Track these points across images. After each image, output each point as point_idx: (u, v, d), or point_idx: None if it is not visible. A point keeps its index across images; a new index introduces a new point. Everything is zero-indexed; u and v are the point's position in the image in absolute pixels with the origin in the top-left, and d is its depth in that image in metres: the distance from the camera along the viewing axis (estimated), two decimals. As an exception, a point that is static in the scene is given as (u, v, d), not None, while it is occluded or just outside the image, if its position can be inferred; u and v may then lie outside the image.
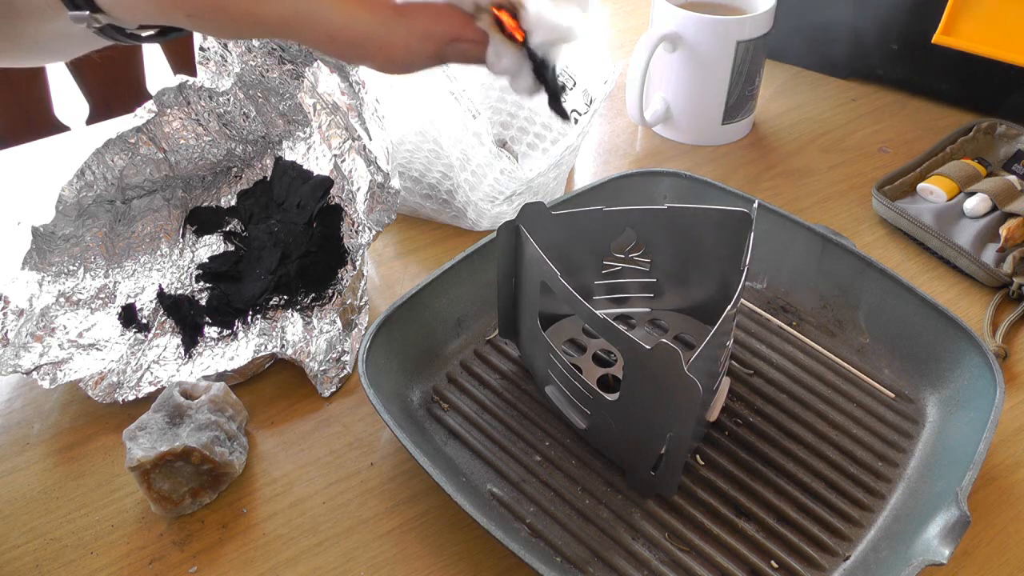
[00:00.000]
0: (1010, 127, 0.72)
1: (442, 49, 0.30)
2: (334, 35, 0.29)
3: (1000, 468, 0.50)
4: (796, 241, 0.58)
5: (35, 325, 0.53)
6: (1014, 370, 0.55)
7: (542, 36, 0.29)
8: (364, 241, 0.55)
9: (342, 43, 0.29)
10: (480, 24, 0.30)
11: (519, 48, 0.30)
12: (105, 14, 0.32)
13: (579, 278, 0.55)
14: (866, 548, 0.45)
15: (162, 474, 0.45)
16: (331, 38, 0.29)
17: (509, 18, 0.29)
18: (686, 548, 0.45)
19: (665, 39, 0.71)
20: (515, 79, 0.30)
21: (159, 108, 0.61)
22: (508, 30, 0.29)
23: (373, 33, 0.29)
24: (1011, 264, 0.61)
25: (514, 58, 0.30)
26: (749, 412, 0.51)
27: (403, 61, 0.30)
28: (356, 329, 0.56)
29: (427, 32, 0.29)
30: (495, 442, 0.49)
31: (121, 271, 0.60)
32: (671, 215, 0.52)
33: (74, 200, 0.58)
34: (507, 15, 0.29)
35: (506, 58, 0.30)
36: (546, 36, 0.29)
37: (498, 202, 0.63)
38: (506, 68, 0.30)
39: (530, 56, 0.30)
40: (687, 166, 0.73)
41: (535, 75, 0.30)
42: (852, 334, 0.56)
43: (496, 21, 0.29)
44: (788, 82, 0.84)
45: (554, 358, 0.48)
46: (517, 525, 0.46)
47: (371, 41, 0.29)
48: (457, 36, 0.30)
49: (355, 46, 0.29)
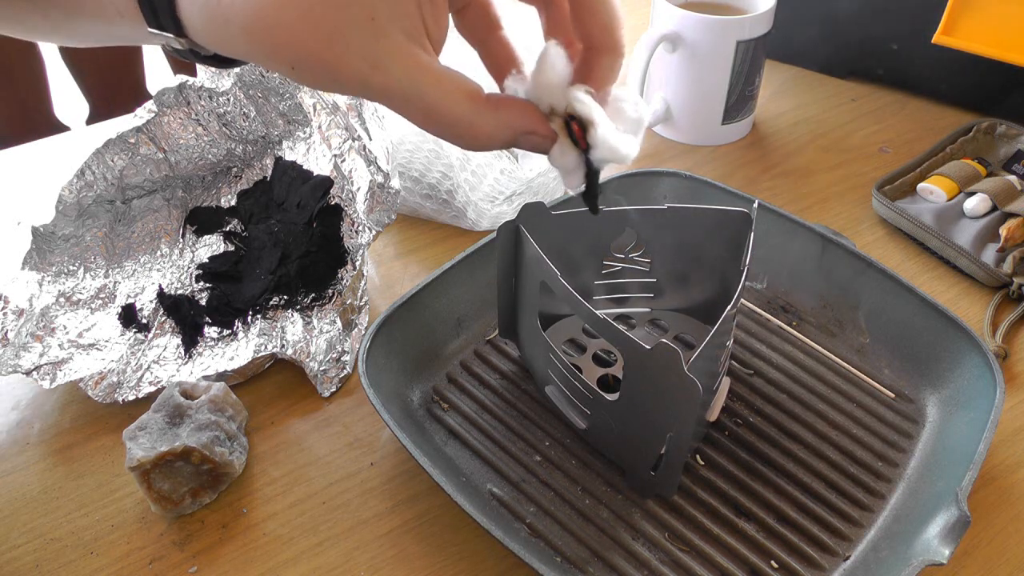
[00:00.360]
0: (1010, 127, 0.72)
1: (517, 138, 0.34)
2: (430, 113, 0.32)
3: (1000, 468, 0.50)
4: (796, 241, 0.58)
5: (35, 325, 0.53)
6: (1014, 370, 0.55)
7: (602, 154, 0.34)
8: (364, 241, 0.55)
9: (436, 121, 0.32)
10: (552, 124, 0.34)
11: (580, 154, 0.34)
12: (188, 39, 0.32)
13: (579, 278, 0.55)
14: (866, 548, 0.45)
15: (162, 474, 0.45)
16: (426, 116, 0.32)
17: (578, 129, 0.34)
18: (686, 548, 0.45)
19: (665, 39, 0.71)
20: (568, 175, 0.35)
21: (159, 108, 0.61)
22: (575, 136, 0.34)
23: (465, 118, 0.32)
24: (1011, 264, 0.61)
25: (574, 161, 0.34)
26: (749, 412, 0.51)
27: (484, 145, 0.34)
28: (356, 329, 0.56)
29: (510, 123, 0.33)
30: (495, 442, 0.49)
31: (121, 271, 0.60)
32: (671, 215, 0.52)
33: (74, 200, 0.58)
34: (577, 126, 0.34)
35: (568, 158, 0.34)
36: (604, 155, 0.34)
37: (498, 202, 0.63)
38: (564, 166, 0.35)
39: (586, 163, 0.34)
40: (687, 166, 0.73)
41: (585, 177, 0.35)
42: (852, 334, 0.56)
43: (567, 126, 0.34)
44: (788, 82, 0.84)
45: (554, 358, 0.48)
46: (517, 525, 0.46)
47: (462, 125, 0.32)
48: (533, 130, 0.34)
49: (447, 127, 0.32)
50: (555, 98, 0.34)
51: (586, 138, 0.34)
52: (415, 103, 0.32)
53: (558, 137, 0.34)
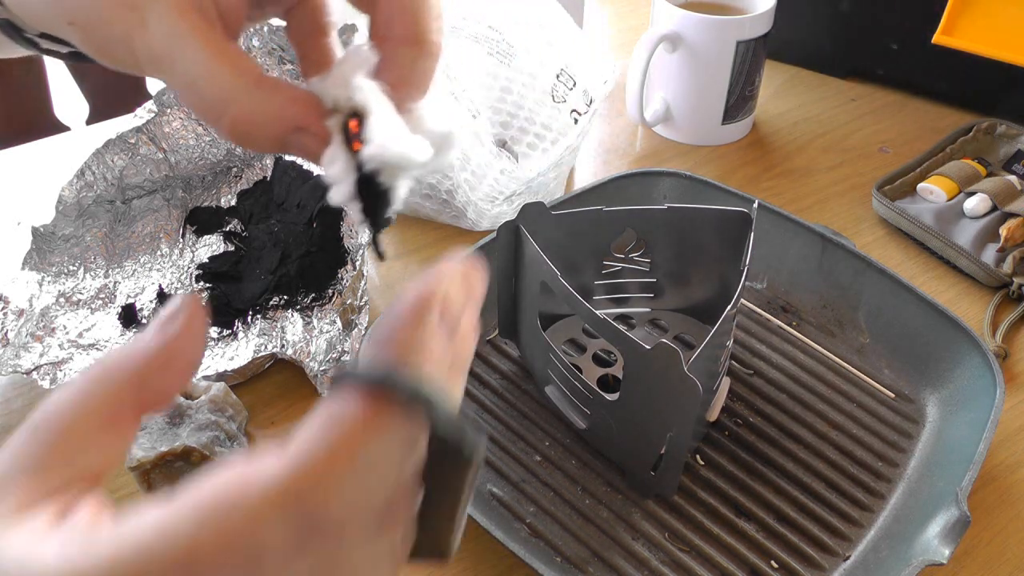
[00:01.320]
0: (1010, 127, 0.72)
1: (287, 135, 0.28)
2: (191, 84, 0.27)
3: (1000, 468, 0.49)
4: (796, 241, 0.58)
5: (35, 325, 0.53)
6: (1014, 370, 0.55)
7: (376, 152, 0.26)
8: (364, 241, 0.55)
9: (197, 95, 0.27)
10: (329, 122, 0.27)
11: (351, 158, 0.27)
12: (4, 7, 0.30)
13: (579, 278, 0.55)
14: (866, 548, 0.45)
15: (162, 474, 0.45)
16: (188, 86, 0.27)
17: (355, 125, 0.27)
18: (686, 548, 0.45)
19: (665, 39, 0.71)
20: (337, 185, 0.27)
21: (159, 108, 0.61)
22: (351, 134, 0.27)
23: (228, 95, 0.27)
24: (1011, 264, 0.61)
25: (343, 166, 0.27)
26: (749, 412, 0.51)
27: (246, 132, 0.28)
28: (356, 329, 0.56)
29: (279, 112, 0.28)
30: (495, 442, 0.49)
31: (121, 271, 0.60)
32: (671, 215, 0.52)
33: (74, 200, 0.57)
34: (355, 122, 0.27)
35: (336, 164, 0.27)
36: (380, 154, 0.26)
37: (498, 202, 0.63)
38: (333, 175, 0.27)
39: (357, 167, 0.26)
40: (687, 166, 0.73)
41: (357, 190, 0.27)
42: (852, 334, 0.56)
43: (344, 126, 0.27)
44: (788, 82, 0.84)
45: (554, 358, 0.48)
46: (517, 525, 0.46)
47: (223, 102, 0.27)
48: (304, 125, 0.28)
49: (208, 101, 0.27)
50: (340, 90, 0.28)
51: (360, 134, 0.27)
52: (179, 72, 0.27)
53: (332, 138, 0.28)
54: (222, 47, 0.27)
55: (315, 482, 0.18)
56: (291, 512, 0.18)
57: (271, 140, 0.28)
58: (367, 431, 0.19)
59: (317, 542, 0.19)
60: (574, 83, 0.68)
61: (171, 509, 0.19)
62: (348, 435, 0.19)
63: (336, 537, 0.19)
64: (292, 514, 0.18)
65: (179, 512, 0.18)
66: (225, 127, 0.27)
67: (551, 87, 0.68)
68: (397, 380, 0.19)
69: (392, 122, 0.27)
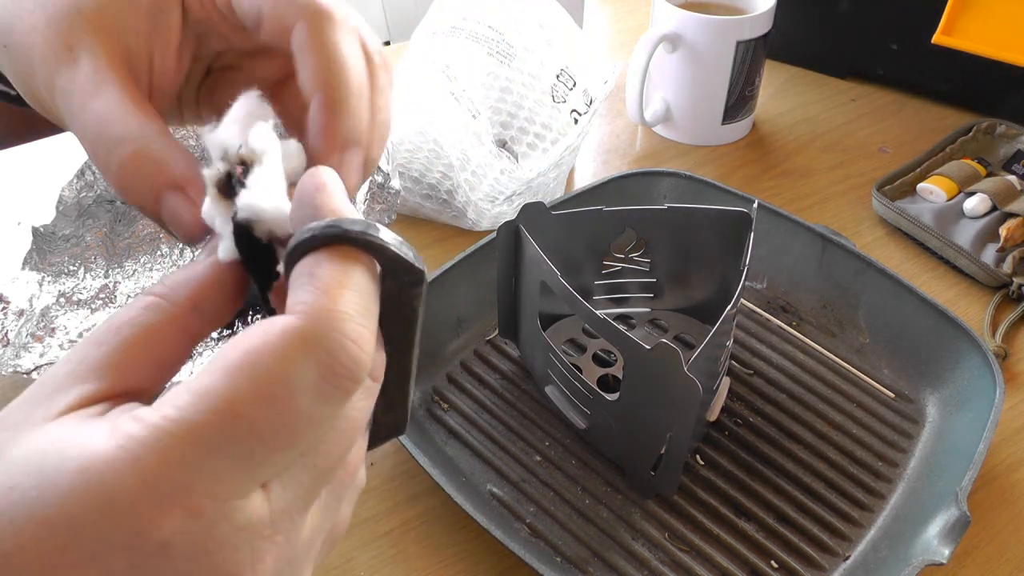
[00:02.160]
0: (1010, 127, 0.72)
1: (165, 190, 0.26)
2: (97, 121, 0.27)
3: (1000, 468, 0.50)
4: (796, 241, 0.58)
5: (35, 325, 0.53)
6: (1014, 370, 0.55)
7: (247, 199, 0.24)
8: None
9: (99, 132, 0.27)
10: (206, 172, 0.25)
11: (227, 208, 0.24)
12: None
13: (579, 278, 0.55)
14: (866, 548, 0.45)
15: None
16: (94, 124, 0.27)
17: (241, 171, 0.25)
18: (686, 548, 0.45)
19: (665, 39, 0.71)
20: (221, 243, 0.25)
21: (159, 108, 0.61)
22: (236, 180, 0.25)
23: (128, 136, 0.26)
24: (1011, 264, 0.61)
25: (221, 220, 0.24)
26: (749, 412, 0.51)
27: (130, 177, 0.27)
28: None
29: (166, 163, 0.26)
30: (495, 442, 0.49)
31: (121, 271, 0.60)
32: (671, 215, 0.52)
33: (74, 200, 0.57)
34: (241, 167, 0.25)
35: (216, 219, 0.25)
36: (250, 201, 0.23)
37: (498, 202, 0.63)
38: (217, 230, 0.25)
39: (232, 216, 0.24)
40: (687, 166, 0.73)
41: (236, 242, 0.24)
42: (852, 334, 0.56)
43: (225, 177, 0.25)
44: (788, 82, 0.84)
45: (554, 358, 0.48)
46: (517, 525, 0.46)
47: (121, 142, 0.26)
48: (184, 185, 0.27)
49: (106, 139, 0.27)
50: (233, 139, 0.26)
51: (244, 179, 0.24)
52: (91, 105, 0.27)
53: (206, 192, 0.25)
54: (137, 97, 0.27)
55: (328, 320, 0.20)
56: (314, 348, 0.20)
57: (150, 193, 0.27)
58: (347, 273, 0.21)
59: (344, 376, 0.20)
60: (574, 83, 0.68)
61: (203, 377, 0.20)
62: (338, 279, 0.21)
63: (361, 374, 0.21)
64: (316, 349, 0.20)
65: (211, 376, 0.20)
66: (113, 167, 0.27)
67: (551, 87, 0.68)
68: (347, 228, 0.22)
69: (277, 176, 0.25)
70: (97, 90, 0.27)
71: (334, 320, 0.20)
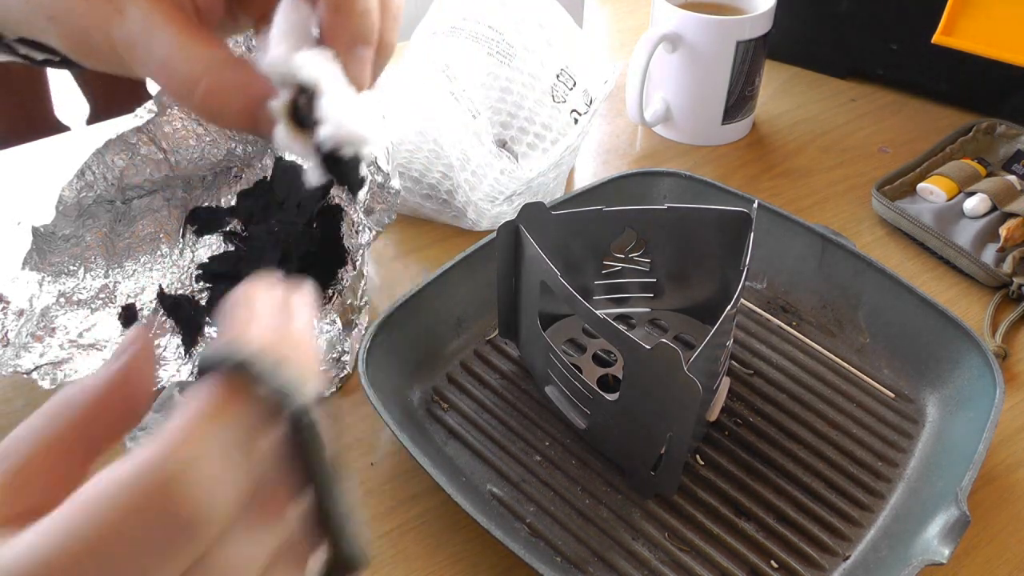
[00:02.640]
0: (1010, 127, 0.72)
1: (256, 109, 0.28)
2: (166, 62, 0.28)
3: (1000, 468, 0.50)
4: (796, 241, 0.58)
5: (35, 325, 0.53)
6: (1014, 370, 0.55)
7: (328, 132, 0.26)
8: (364, 241, 0.55)
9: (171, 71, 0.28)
10: (273, 104, 0.27)
11: (308, 139, 0.27)
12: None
13: (579, 278, 0.55)
14: (866, 548, 0.45)
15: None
16: (163, 65, 0.28)
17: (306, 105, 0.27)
18: (686, 548, 0.45)
19: (665, 39, 0.71)
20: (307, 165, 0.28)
21: (159, 108, 0.61)
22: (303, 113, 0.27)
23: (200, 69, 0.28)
24: (1011, 264, 0.61)
25: (300, 150, 0.27)
26: (749, 412, 0.51)
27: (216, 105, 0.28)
28: (356, 329, 0.56)
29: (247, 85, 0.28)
30: (495, 442, 0.49)
31: (121, 271, 0.60)
32: (671, 215, 0.52)
33: (74, 200, 0.57)
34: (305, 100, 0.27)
35: (293, 147, 0.28)
36: (332, 133, 0.26)
37: (498, 202, 0.63)
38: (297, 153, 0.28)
39: (316, 149, 0.27)
40: (687, 166, 0.73)
41: (326, 168, 0.27)
42: (852, 334, 0.56)
43: (291, 107, 0.27)
44: (788, 82, 0.84)
45: (554, 358, 0.48)
46: (517, 525, 0.46)
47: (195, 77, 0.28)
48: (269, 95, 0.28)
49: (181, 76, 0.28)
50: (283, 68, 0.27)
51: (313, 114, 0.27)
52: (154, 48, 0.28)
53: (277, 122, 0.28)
54: (194, 28, 0.29)
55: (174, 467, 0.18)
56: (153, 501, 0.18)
57: (240, 114, 0.28)
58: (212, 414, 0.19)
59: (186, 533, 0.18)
60: (574, 83, 0.68)
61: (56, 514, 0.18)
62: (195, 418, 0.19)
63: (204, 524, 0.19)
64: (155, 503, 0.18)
65: (57, 518, 0.18)
66: (197, 101, 0.28)
67: (551, 87, 0.68)
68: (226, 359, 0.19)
69: (341, 96, 0.27)
70: (152, 37, 0.28)
71: (181, 461, 0.18)
